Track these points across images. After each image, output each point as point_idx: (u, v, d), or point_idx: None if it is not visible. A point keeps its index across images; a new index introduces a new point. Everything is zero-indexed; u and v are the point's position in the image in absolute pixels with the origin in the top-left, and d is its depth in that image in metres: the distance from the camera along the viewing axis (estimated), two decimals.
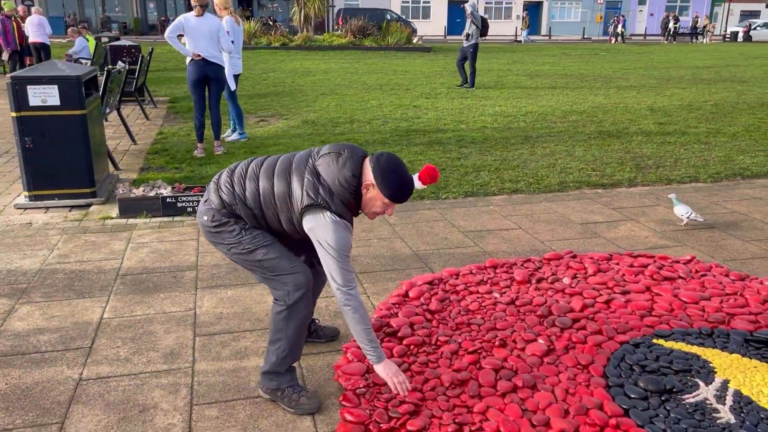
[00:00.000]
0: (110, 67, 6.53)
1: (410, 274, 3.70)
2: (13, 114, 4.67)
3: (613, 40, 33.47)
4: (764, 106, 9.82)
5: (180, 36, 6.26)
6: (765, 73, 15.05)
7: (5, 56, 14.05)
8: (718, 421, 2.31)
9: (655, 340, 2.87)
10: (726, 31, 39.62)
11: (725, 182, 5.69)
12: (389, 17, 28.37)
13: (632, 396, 2.45)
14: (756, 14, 45.08)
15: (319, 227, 2.26)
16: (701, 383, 2.54)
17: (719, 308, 3.16)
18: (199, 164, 6.25)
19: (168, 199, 4.71)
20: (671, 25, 34.49)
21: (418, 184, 2.42)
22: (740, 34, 36.93)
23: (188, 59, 6.29)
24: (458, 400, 2.43)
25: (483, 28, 12.07)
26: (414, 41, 24.66)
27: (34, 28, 14.01)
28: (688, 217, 4.47)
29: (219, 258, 3.91)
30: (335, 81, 13.45)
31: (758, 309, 3.15)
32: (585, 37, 39.39)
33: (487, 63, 18.24)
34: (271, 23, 28.06)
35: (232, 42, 6.89)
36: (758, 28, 37.14)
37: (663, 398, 2.45)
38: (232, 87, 7.09)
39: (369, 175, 2.29)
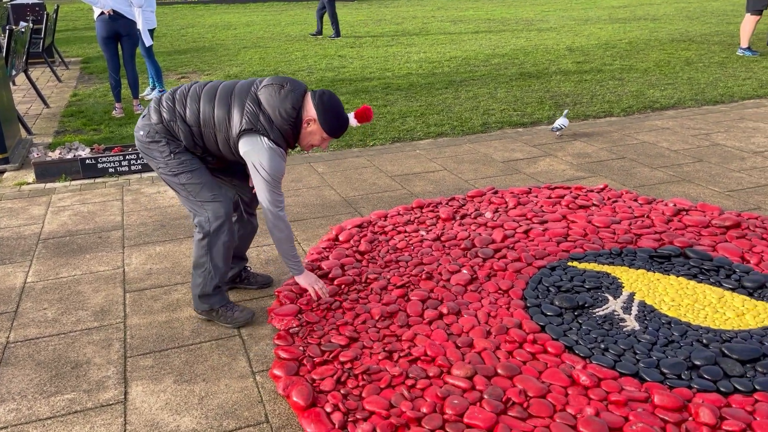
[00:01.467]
0: (12, 27, 6.14)
1: (340, 220, 3.77)
2: None
3: None
4: (674, 42, 10.25)
5: None
6: (676, 10, 15.60)
7: None
8: (624, 329, 2.52)
9: (570, 263, 3.06)
10: None
11: (637, 115, 5.98)
12: None
13: (548, 314, 2.64)
14: None
15: (255, 151, 2.37)
16: (610, 297, 2.75)
17: (628, 230, 3.39)
18: (119, 125, 6.05)
19: (87, 161, 4.57)
20: None
21: (353, 122, 2.59)
22: None
23: (96, 14, 5.99)
24: (388, 331, 2.55)
25: None
26: None
27: None
28: (556, 129, 5.22)
29: (145, 216, 3.86)
30: (257, 34, 13.11)
31: (662, 228, 3.39)
32: None
33: (412, 10, 18.13)
34: None
35: None
36: None
37: (576, 313, 2.65)
38: (147, 42, 6.83)
39: (311, 111, 2.42)
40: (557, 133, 5.28)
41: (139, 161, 4.66)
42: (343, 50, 10.52)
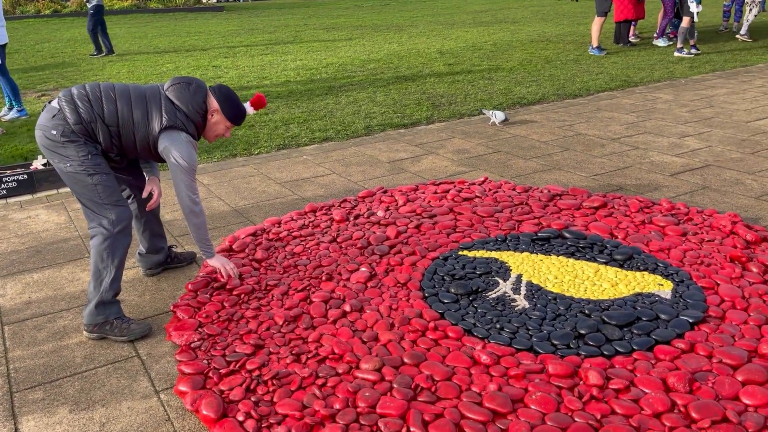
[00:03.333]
0: None
1: (232, 230, 3.70)
2: None
3: None
4: (534, 43, 10.97)
5: None
6: (532, 13, 16.70)
7: None
8: (516, 309, 2.69)
9: (460, 252, 3.22)
10: None
11: (507, 111, 6.35)
12: None
13: (446, 301, 2.76)
14: None
15: (175, 145, 2.59)
16: (500, 281, 2.93)
17: (510, 217, 3.61)
18: None
19: None
20: None
21: (250, 110, 2.87)
22: None
23: None
24: (293, 334, 2.56)
25: None
26: (204, 1, 23.53)
27: None
28: (490, 114, 5.83)
29: (17, 243, 3.58)
30: (123, 46, 12.50)
31: (540, 213, 3.65)
32: None
33: (283, 19, 18.06)
34: None
35: None
36: None
37: (471, 298, 2.79)
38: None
39: (214, 103, 2.72)
40: (493, 119, 5.78)
41: (2, 186, 4.31)
42: (216, 60, 10.30)
